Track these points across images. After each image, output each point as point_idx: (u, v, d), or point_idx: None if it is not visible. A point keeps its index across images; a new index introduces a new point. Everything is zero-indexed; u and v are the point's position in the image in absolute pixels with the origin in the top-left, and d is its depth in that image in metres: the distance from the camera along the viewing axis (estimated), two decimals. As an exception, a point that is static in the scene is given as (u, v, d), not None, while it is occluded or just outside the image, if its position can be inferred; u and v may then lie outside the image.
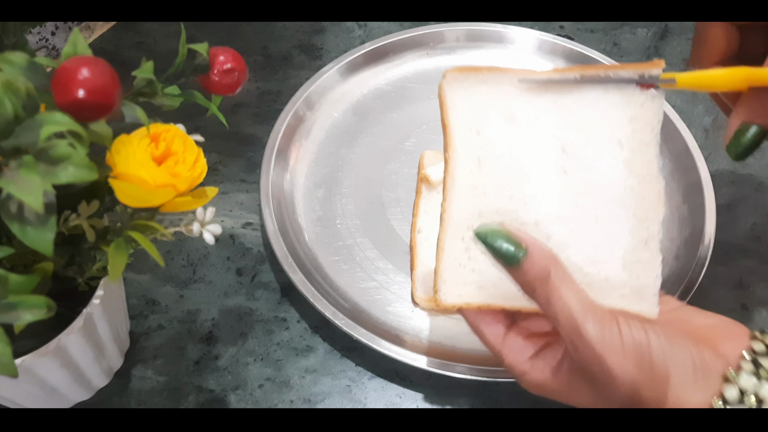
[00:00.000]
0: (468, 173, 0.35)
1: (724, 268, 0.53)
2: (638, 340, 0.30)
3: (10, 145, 0.25)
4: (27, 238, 0.26)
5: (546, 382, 0.34)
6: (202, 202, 0.34)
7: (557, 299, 0.31)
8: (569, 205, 0.35)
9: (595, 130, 0.35)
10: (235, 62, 0.34)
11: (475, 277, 0.35)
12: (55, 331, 0.36)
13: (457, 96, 0.36)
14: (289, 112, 0.58)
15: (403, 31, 0.64)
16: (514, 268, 0.32)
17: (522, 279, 0.32)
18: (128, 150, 0.31)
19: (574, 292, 0.31)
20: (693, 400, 0.30)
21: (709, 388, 0.30)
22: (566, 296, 0.31)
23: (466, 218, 0.35)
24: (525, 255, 0.32)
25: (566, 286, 0.31)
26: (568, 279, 0.32)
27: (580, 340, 0.30)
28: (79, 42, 0.29)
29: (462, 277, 0.35)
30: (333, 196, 0.56)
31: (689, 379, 0.30)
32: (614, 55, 0.67)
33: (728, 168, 0.59)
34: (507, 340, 0.35)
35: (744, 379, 0.30)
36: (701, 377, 0.30)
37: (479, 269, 0.35)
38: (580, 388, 0.33)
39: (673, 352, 0.30)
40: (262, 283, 0.51)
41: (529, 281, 0.32)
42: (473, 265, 0.35)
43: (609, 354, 0.30)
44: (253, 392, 0.46)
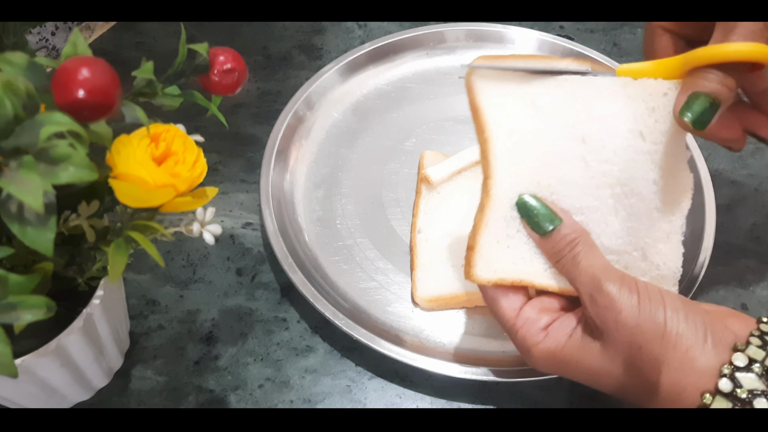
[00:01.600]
0: (507, 153, 0.36)
1: (724, 268, 0.52)
2: (654, 299, 0.32)
3: (10, 145, 0.25)
4: (27, 238, 0.26)
5: (557, 350, 0.35)
6: (202, 202, 0.34)
7: (583, 260, 0.34)
8: (589, 197, 0.36)
9: (614, 120, 0.36)
10: (235, 62, 0.34)
11: (510, 254, 0.37)
12: (55, 331, 0.35)
13: (484, 81, 0.37)
14: (289, 113, 0.58)
15: (404, 31, 0.64)
16: (546, 237, 0.35)
17: (552, 248, 0.35)
18: (128, 150, 0.31)
19: (600, 258, 0.35)
20: (702, 361, 0.31)
21: (718, 355, 0.31)
22: (592, 258, 0.34)
23: (508, 197, 0.37)
24: (558, 224, 0.35)
25: (593, 252, 0.35)
26: (595, 248, 0.35)
27: (599, 294, 0.33)
28: (79, 42, 0.29)
29: (498, 254, 0.37)
30: (333, 196, 0.56)
31: (700, 341, 0.31)
32: (614, 55, 0.67)
33: (728, 168, 0.59)
34: (521, 314, 0.36)
35: (752, 350, 0.31)
36: (711, 342, 0.31)
37: (514, 246, 0.36)
38: (591, 350, 0.34)
39: (686, 315, 0.32)
40: (262, 283, 0.51)
41: (558, 249, 0.35)
42: (509, 242, 0.37)
43: (625, 308, 0.32)
44: (253, 392, 0.46)
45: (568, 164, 0.36)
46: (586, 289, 0.34)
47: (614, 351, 0.33)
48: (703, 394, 0.31)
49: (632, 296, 0.32)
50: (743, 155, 0.60)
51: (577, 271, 0.34)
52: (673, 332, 0.31)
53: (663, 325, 0.32)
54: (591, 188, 0.36)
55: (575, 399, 0.46)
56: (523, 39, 0.65)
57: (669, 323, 0.32)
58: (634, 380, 0.33)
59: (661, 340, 0.31)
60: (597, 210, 0.36)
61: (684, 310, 0.32)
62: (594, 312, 0.33)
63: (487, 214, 0.36)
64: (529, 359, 0.36)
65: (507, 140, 0.36)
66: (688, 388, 0.31)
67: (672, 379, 0.31)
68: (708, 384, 0.31)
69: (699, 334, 0.32)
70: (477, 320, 0.49)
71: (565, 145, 0.36)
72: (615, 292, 0.32)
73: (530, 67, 0.36)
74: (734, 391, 0.30)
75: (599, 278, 0.33)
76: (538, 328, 0.35)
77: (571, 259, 0.34)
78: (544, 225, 0.35)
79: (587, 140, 0.36)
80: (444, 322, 0.49)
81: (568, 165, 0.36)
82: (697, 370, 0.31)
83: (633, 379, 0.33)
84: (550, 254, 0.36)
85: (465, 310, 0.49)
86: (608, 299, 0.32)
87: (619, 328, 0.32)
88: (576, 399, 0.46)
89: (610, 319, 0.32)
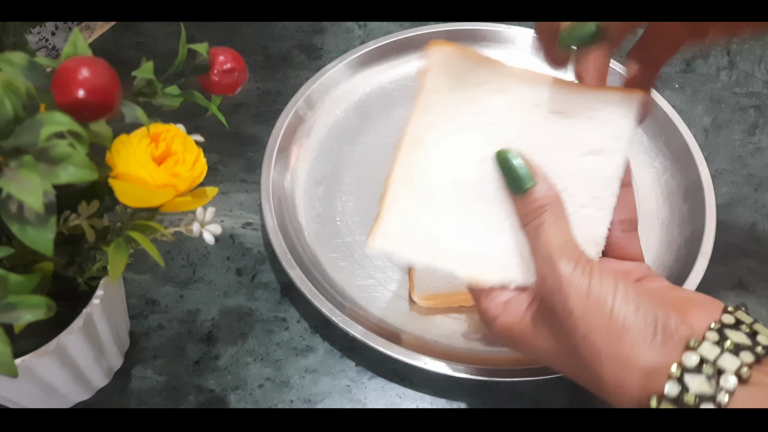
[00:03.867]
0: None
1: (724, 268, 0.53)
2: (605, 287, 0.30)
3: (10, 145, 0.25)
4: (27, 238, 0.26)
5: (513, 325, 0.34)
6: (202, 202, 0.34)
7: (543, 232, 0.33)
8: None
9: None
10: (235, 62, 0.34)
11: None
12: (55, 331, 0.35)
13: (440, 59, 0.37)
14: (291, 110, 0.58)
15: (404, 31, 0.64)
16: (519, 195, 0.34)
17: (521, 209, 0.34)
18: (128, 150, 0.31)
19: (562, 232, 0.33)
20: (647, 358, 0.29)
21: (668, 351, 0.29)
22: (552, 231, 0.33)
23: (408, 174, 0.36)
24: (531, 186, 0.34)
25: (558, 224, 0.33)
26: (562, 220, 0.33)
27: (550, 273, 0.31)
28: (79, 42, 0.29)
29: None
30: (333, 193, 0.56)
31: (648, 337, 0.29)
32: (614, 55, 0.67)
33: (728, 168, 0.59)
34: (490, 290, 0.35)
35: (705, 348, 0.28)
36: (660, 339, 0.29)
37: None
38: (542, 330, 0.33)
39: (637, 306, 0.30)
40: (262, 283, 0.51)
41: (526, 213, 0.34)
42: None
43: (573, 293, 0.30)
44: (253, 392, 0.46)
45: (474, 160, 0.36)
46: (541, 265, 0.32)
47: (562, 335, 0.31)
48: (650, 397, 0.28)
49: (582, 280, 0.30)
50: (743, 155, 0.60)
51: (537, 243, 0.33)
52: (618, 324, 0.29)
53: (609, 316, 0.30)
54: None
55: (575, 399, 0.46)
56: (523, 39, 0.65)
57: (615, 314, 0.30)
58: (579, 368, 0.31)
59: (605, 331, 0.29)
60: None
61: (636, 300, 0.30)
62: (544, 293, 0.32)
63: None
64: (489, 331, 0.35)
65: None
66: (632, 386, 0.29)
67: (613, 373, 0.30)
68: (654, 385, 0.29)
69: (648, 329, 0.29)
70: (476, 319, 0.49)
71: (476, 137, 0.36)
72: (567, 273, 0.31)
73: None
74: (681, 396, 0.28)
75: (553, 257, 0.31)
76: (499, 302, 0.34)
77: (534, 227, 0.33)
78: (519, 184, 0.34)
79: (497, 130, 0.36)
80: (441, 321, 0.49)
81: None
82: (641, 369, 0.29)
83: (578, 368, 0.31)
84: (520, 216, 0.34)
85: (464, 309, 0.49)
86: (558, 281, 0.31)
87: (567, 314, 0.30)
88: (576, 399, 0.46)
89: (558, 302, 0.31)
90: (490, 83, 0.36)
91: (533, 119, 0.36)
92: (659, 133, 0.59)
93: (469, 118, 0.36)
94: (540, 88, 0.36)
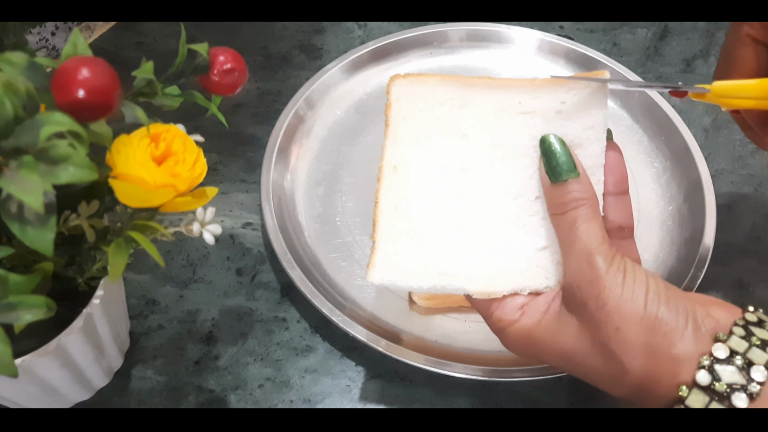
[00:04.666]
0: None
1: (724, 268, 0.53)
2: (639, 282, 0.31)
3: (10, 145, 0.25)
4: (27, 238, 0.26)
5: (533, 327, 0.34)
6: (202, 202, 0.34)
7: (581, 225, 0.33)
8: (491, 198, 0.36)
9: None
10: (235, 62, 0.34)
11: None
12: (55, 331, 0.36)
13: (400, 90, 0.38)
14: (291, 110, 0.58)
15: (404, 31, 0.64)
16: (556, 185, 0.34)
17: (558, 197, 0.34)
18: (128, 150, 0.31)
19: (600, 229, 0.33)
20: (680, 348, 0.30)
21: (698, 342, 0.30)
22: (591, 227, 0.33)
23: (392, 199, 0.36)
24: (576, 176, 0.33)
25: (595, 221, 0.33)
26: (598, 218, 0.33)
27: (587, 265, 0.32)
28: (79, 42, 0.29)
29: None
30: (333, 193, 0.56)
31: (680, 328, 0.30)
32: (614, 54, 0.67)
33: (728, 168, 0.59)
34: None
35: (734, 341, 0.30)
36: (691, 329, 0.30)
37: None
38: (567, 325, 0.33)
39: (668, 300, 0.31)
40: (262, 283, 0.51)
41: (563, 202, 0.33)
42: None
43: (608, 285, 0.31)
44: (253, 392, 0.46)
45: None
46: (577, 257, 0.32)
47: (591, 329, 0.32)
48: (679, 386, 0.30)
49: (617, 275, 0.31)
50: (743, 155, 0.60)
51: (573, 235, 0.33)
52: (652, 315, 0.30)
53: (643, 308, 0.30)
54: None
55: (575, 399, 0.46)
56: (523, 39, 0.65)
57: (649, 306, 0.31)
58: (607, 363, 0.32)
59: (639, 322, 0.30)
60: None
61: (666, 294, 0.31)
62: (577, 284, 0.32)
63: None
64: (504, 339, 0.35)
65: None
66: (662, 376, 0.30)
67: (646, 365, 0.30)
68: (685, 374, 0.30)
69: (680, 320, 0.30)
70: (475, 319, 0.49)
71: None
72: (604, 268, 0.31)
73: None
74: (712, 385, 0.29)
75: (592, 250, 0.32)
76: (513, 308, 0.34)
77: (571, 218, 0.33)
78: (560, 172, 0.34)
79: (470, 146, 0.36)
80: (443, 321, 0.49)
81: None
82: (674, 358, 0.30)
83: (605, 362, 0.32)
84: (553, 204, 0.34)
85: (464, 309, 0.49)
86: (595, 273, 0.31)
87: (599, 306, 0.31)
88: (576, 399, 0.46)
89: (591, 295, 0.31)
90: (452, 99, 0.36)
91: (503, 124, 0.36)
92: (659, 133, 0.59)
93: (440, 137, 0.36)
94: (501, 92, 0.36)
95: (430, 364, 0.45)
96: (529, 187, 0.35)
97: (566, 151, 0.34)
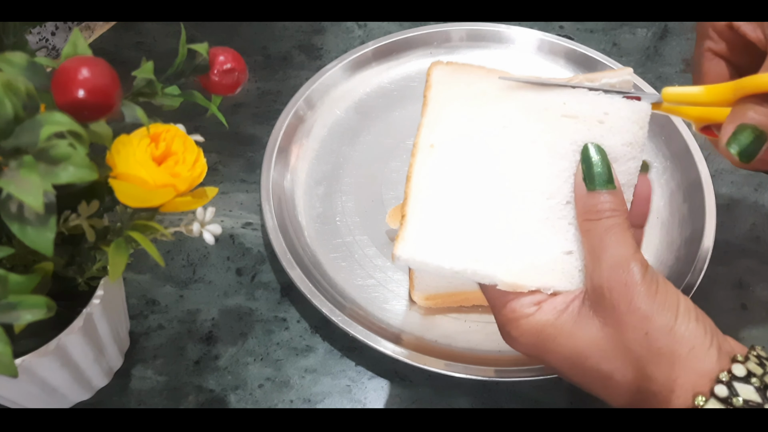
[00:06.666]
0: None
1: (724, 268, 0.53)
2: (671, 295, 0.32)
3: (10, 145, 0.25)
4: (27, 238, 0.26)
5: (548, 323, 0.34)
6: (202, 202, 0.34)
7: (617, 232, 0.33)
8: (525, 192, 0.35)
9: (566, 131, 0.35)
10: (235, 62, 0.34)
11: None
12: (55, 331, 0.36)
13: (442, 75, 0.37)
14: (291, 110, 0.58)
15: (404, 31, 0.64)
16: (593, 191, 0.34)
17: (593, 204, 0.34)
18: (128, 150, 0.31)
19: (633, 240, 0.33)
20: (705, 362, 0.31)
21: (719, 361, 0.31)
22: (625, 237, 0.33)
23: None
24: (613, 188, 0.34)
25: (629, 232, 0.33)
26: (630, 231, 0.34)
27: (624, 270, 0.32)
28: (79, 42, 0.29)
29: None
30: (333, 193, 0.56)
31: (706, 344, 0.31)
32: (614, 55, 0.67)
33: (728, 168, 0.59)
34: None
35: (751, 365, 0.31)
36: (715, 348, 0.31)
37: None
38: (588, 324, 0.33)
39: (697, 317, 0.32)
40: (262, 283, 0.51)
41: (598, 210, 0.34)
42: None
43: (643, 291, 0.32)
44: (253, 392, 0.46)
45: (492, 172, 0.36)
46: (612, 261, 0.32)
47: (617, 330, 0.32)
48: (695, 396, 0.30)
49: (651, 284, 0.32)
50: (743, 155, 0.60)
51: (607, 241, 0.33)
52: (681, 328, 0.31)
53: (674, 320, 0.31)
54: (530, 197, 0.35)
55: (575, 399, 0.46)
56: (523, 39, 0.65)
57: (680, 320, 0.31)
58: (626, 367, 0.32)
59: (669, 332, 0.31)
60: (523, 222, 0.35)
61: (696, 312, 0.32)
62: (609, 286, 0.32)
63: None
64: (513, 332, 0.35)
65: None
66: (683, 386, 0.31)
67: (669, 373, 0.31)
68: (703, 387, 0.30)
69: (706, 337, 0.31)
70: (475, 319, 0.49)
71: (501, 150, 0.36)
72: (638, 274, 0.32)
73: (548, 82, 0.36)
74: (729, 399, 0.30)
75: (628, 257, 0.32)
76: (530, 301, 0.34)
77: (607, 226, 0.33)
78: (599, 181, 0.34)
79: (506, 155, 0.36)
80: (443, 321, 0.49)
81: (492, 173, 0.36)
82: (697, 371, 0.31)
83: (625, 366, 0.32)
84: (586, 210, 0.34)
85: (464, 309, 0.49)
86: (631, 278, 0.32)
87: (631, 310, 0.31)
88: (576, 399, 0.46)
89: (624, 299, 0.32)
90: (496, 90, 0.36)
91: (546, 123, 0.35)
92: (659, 133, 0.59)
93: (481, 125, 0.36)
94: (546, 91, 0.36)
95: (430, 364, 0.45)
96: (563, 191, 0.35)
97: (607, 162, 0.34)
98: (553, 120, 0.35)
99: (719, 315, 0.51)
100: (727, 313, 0.50)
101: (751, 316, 0.51)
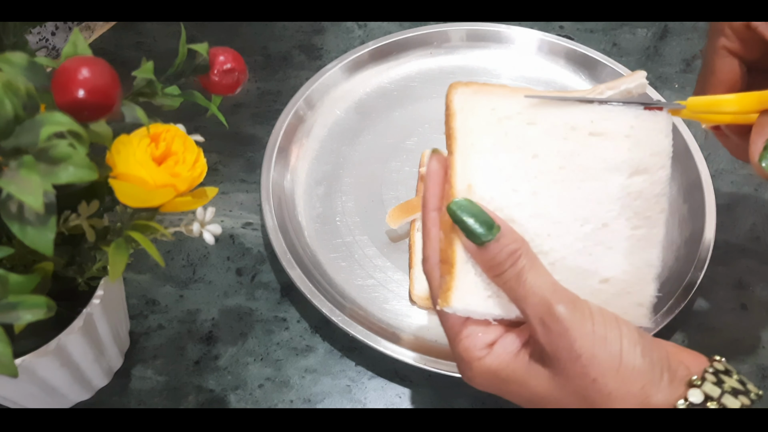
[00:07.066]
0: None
1: (724, 268, 0.53)
2: (610, 329, 0.31)
3: (10, 145, 0.25)
4: (27, 238, 0.26)
5: (500, 368, 0.33)
6: (202, 202, 0.34)
7: (529, 277, 0.31)
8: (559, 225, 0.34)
9: (596, 149, 0.35)
10: (235, 62, 0.34)
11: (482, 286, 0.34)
12: (55, 331, 0.36)
13: (464, 100, 0.35)
14: (291, 110, 0.58)
15: (404, 31, 0.64)
16: (483, 247, 0.32)
17: (491, 259, 0.32)
18: (128, 150, 0.31)
19: (546, 275, 0.32)
20: (657, 398, 0.30)
21: (674, 390, 0.30)
22: (537, 275, 0.31)
23: None
24: (497, 233, 0.32)
25: (538, 267, 0.32)
26: (538, 262, 0.32)
27: (551, 319, 0.30)
28: (79, 42, 0.29)
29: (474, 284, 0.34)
30: (333, 193, 0.56)
31: (656, 379, 0.30)
32: (614, 55, 0.67)
33: (728, 168, 0.59)
34: (468, 324, 0.34)
35: (708, 387, 0.30)
36: (667, 379, 0.30)
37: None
38: (538, 375, 0.32)
39: (643, 348, 0.30)
40: (262, 283, 0.51)
41: (499, 262, 0.32)
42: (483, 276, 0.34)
43: (579, 336, 0.30)
44: (253, 392, 0.46)
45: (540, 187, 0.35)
46: (536, 311, 0.31)
47: (565, 380, 0.31)
48: None
49: (586, 323, 0.30)
50: (743, 155, 0.60)
51: (524, 290, 0.31)
52: (629, 366, 0.30)
53: (619, 358, 0.30)
54: (561, 216, 0.35)
55: (575, 399, 0.46)
56: (523, 39, 0.65)
57: (625, 356, 0.30)
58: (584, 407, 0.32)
59: (616, 373, 0.30)
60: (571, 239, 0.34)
61: (641, 343, 0.31)
62: (545, 339, 0.31)
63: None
64: (468, 372, 0.34)
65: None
66: None
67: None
68: None
69: (656, 370, 0.30)
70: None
71: (541, 167, 0.35)
72: (568, 317, 0.30)
73: (574, 98, 0.35)
74: None
75: (550, 301, 0.31)
76: (483, 343, 0.33)
77: (515, 274, 0.31)
78: (482, 231, 0.32)
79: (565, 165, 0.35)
80: (444, 322, 0.49)
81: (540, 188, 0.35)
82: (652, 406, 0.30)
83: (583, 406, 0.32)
84: (489, 267, 0.32)
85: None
86: (561, 326, 0.30)
87: (573, 358, 0.30)
88: (576, 399, 0.46)
89: (563, 348, 0.30)
90: (521, 113, 0.35)
91: (574, 144, 0.35)
92: (659, 133, 0.59)
93: (510, 155, 0.35)
94: (570, 110, 0.35)
95: (430, 364, 0.45)
96: (597, 213, 0.34)
97: (477, 209, 0.32)
98: (581, 139, 0.35)
99: (719, 315, 0.51)
100: (727, 313, 0.50)
101: (751, 316, 0.51)
